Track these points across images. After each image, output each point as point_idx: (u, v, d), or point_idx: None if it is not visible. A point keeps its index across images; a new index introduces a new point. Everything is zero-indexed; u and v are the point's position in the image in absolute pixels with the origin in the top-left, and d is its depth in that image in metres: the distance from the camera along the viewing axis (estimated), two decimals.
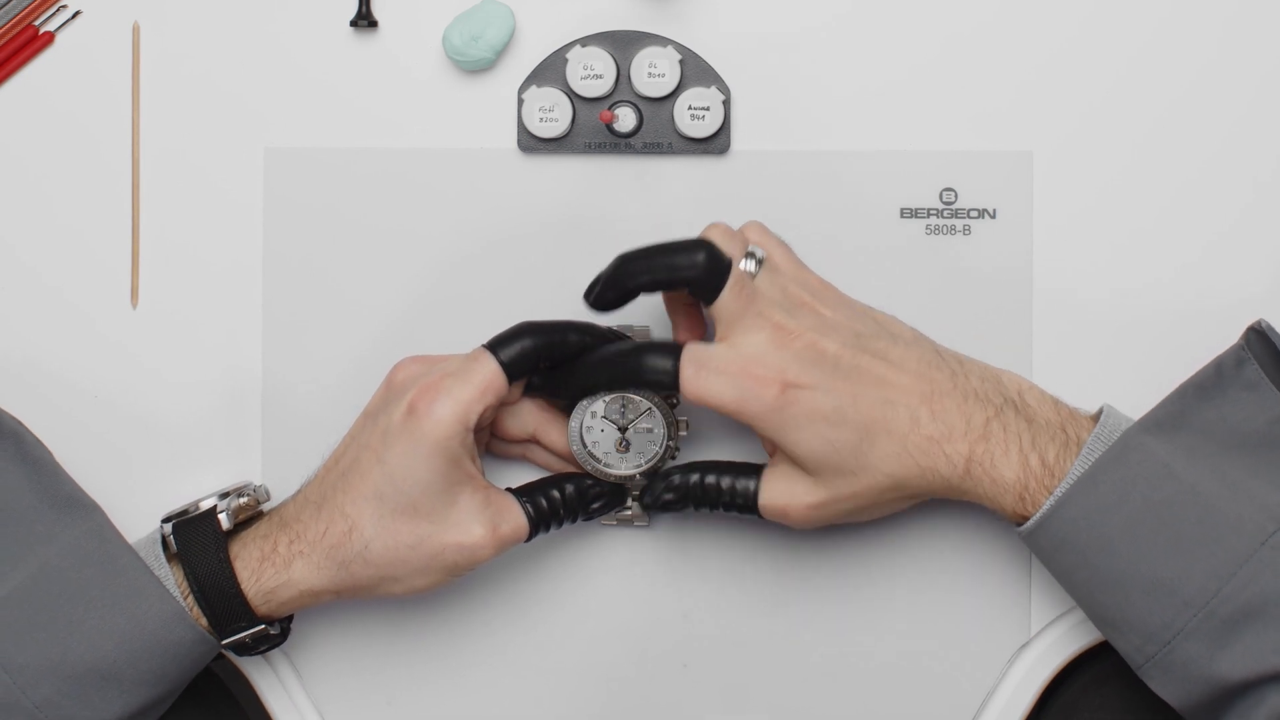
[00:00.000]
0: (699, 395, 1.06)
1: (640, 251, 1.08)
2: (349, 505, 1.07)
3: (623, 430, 1.11)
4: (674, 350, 1.07)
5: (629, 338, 1.12)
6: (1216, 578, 1.03)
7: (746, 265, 1.08)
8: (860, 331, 1.08)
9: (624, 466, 1.11)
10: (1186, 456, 1.05)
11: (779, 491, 1.08)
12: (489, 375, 1.07)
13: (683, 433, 1.11)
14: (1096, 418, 1.07)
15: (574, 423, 1.11)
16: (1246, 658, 1.02)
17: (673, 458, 1.11)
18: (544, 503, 1.10)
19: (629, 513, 1.13)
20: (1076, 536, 1.05)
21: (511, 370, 1.08)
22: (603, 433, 1.11)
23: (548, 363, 1.09)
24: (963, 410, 1.06)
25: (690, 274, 1.07)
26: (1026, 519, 1.06)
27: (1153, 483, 1.04)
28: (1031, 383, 1.09)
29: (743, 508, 1.09)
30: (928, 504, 1.14)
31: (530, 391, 1.12)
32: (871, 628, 1.15)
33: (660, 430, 1.11)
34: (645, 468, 1.11)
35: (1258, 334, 1.07)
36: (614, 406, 1.10)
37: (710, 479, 1.10)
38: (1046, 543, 1.06)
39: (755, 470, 1.09)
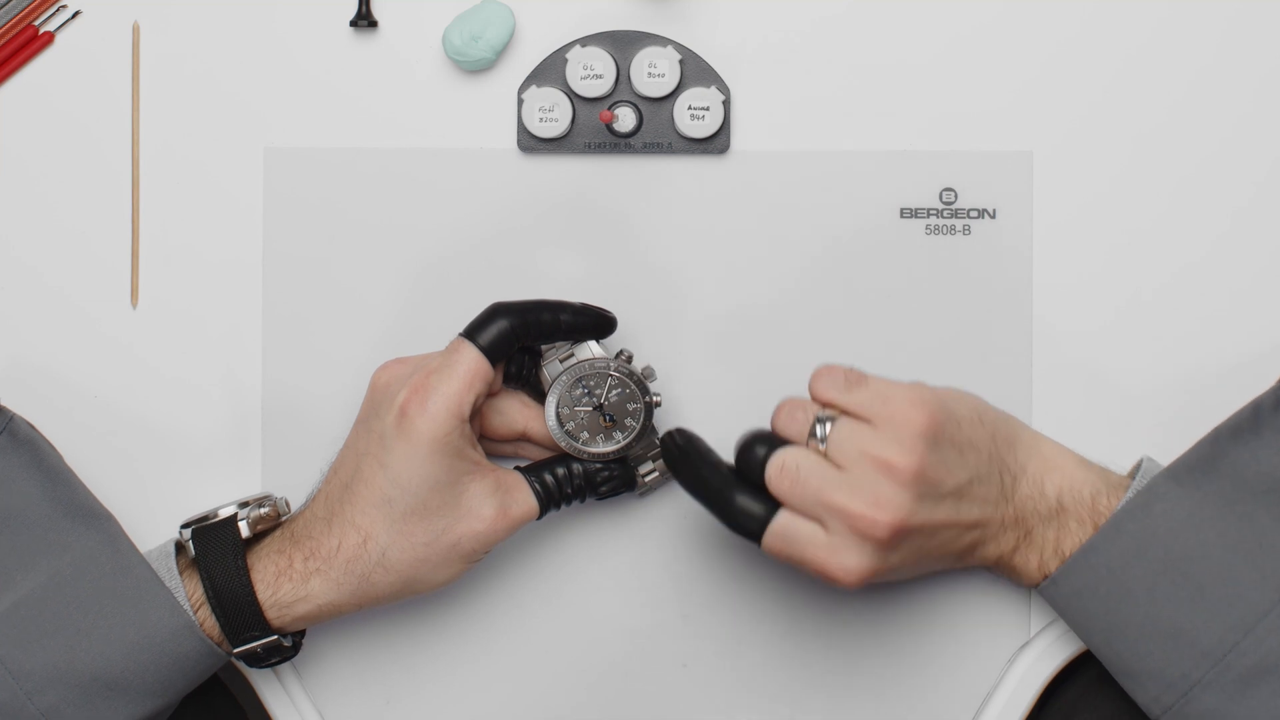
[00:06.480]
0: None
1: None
2: (358, 516, 1.07)
3: (599, 409, 1.11)
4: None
5: (607, 313, 1.11)
6: (1235, 630, 1.04)
7: (811, 443, 1.06)
8: (923, 492, 1.04)
9: (608, 444, 1.11)
10: (1215, 504, 1.06)
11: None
12: (473, 364, 1.07)
13: (656, 396, 1.11)
14: (1134, 472, 1.09)
15: (549, 412, 1.11)
16: (1264, 713, 1.03)
17: (652, 420, 1.11)
18: (551, 479, 1.11)
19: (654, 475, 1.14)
20: (1098, 584, 1.06)
21: (492, 354, 1.08)
22: (578, 413, 1.10)
23: (524, 341, 1.09)
24: (1010, 537, 1.09)
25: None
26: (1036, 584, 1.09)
27: (1175, 533, 1.05)
28: (1074, 472, 1.09)
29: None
30: None
31: (510, 382, 1.12)
32: (872, 627, 1.15)
33: (636, 399, 1.11)
34: (630, 439, 1.11)
35: None
36: (580, 389, 1.10)
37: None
38: (1067, 589, 1.07)
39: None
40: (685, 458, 1.07)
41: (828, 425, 1.05)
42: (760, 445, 1.06)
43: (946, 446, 1.05)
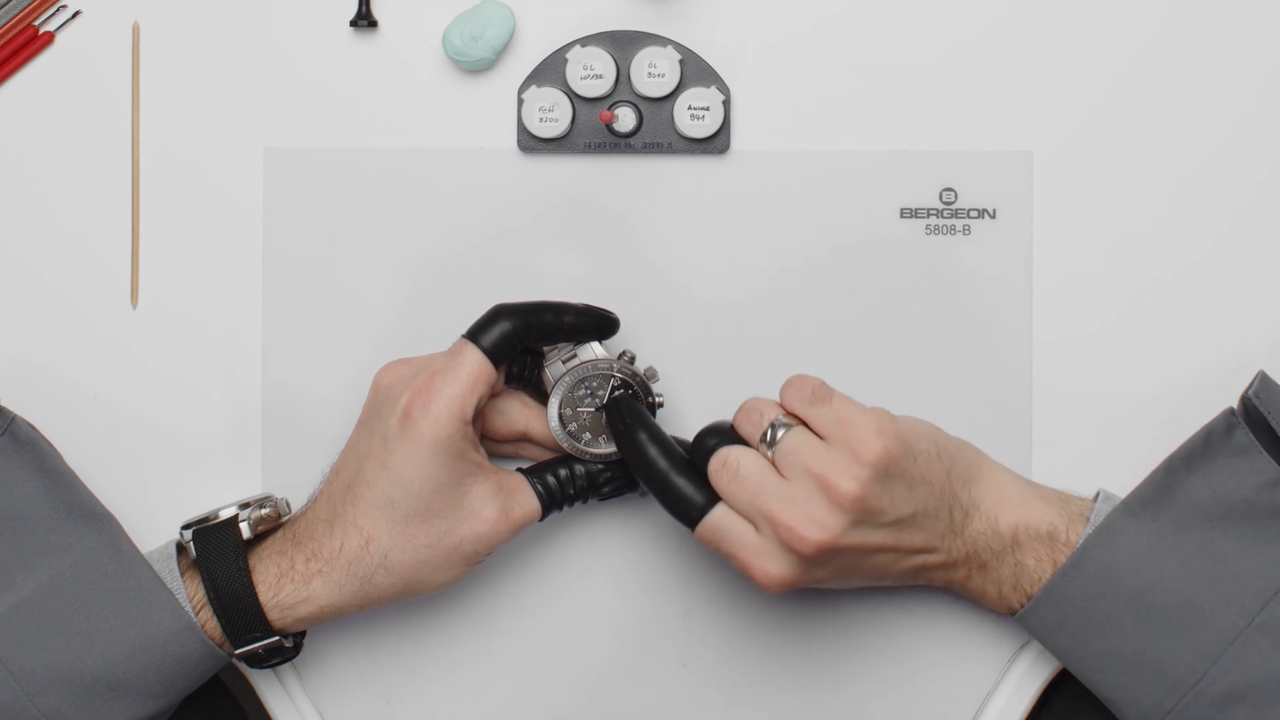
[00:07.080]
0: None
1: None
2: (360, 517, 1.07)
3: (601, 409, 1.11)
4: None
5: (609, 314, 1.11)
6: (1204, 659, 1.04)
7: (763, 448, 1.07)
8: (860, 519, 1.05)
9: (610, 445, 1.11)
10: (1172, 534, 1.06)
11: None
12: (476, 366, 1.08)
13: (659, 397, 1.11)
14: (1096, 498, 1.09)
15: (551, 413, 1.11)
16: None
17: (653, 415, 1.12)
18: (553, 481, 1.11)
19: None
20: (1065, 620, 1.07)
21: (495, 356, 1.08)
22: (580, 413, 1.11)
23: (527, 343, 1.09)
24: (961, 569, 1.09)
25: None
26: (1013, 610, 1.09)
27: (1135, 566, 1.05)
28: (1030, 507, 1.09)
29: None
30: None
31: (511, 383, 1.12)
32: (871, 627, 1.15)
33: (639, 399, 1.11)
34: None
35: (1247, 400, 1.08)
36: (583, 390, 1.10)
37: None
38: (1036, 624, 1.08)
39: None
40: (631, 432, 1.08)
41: (780, 431, 1.05)
42: (712, 437, 1.07)
43: (896, 479, 1.05)
